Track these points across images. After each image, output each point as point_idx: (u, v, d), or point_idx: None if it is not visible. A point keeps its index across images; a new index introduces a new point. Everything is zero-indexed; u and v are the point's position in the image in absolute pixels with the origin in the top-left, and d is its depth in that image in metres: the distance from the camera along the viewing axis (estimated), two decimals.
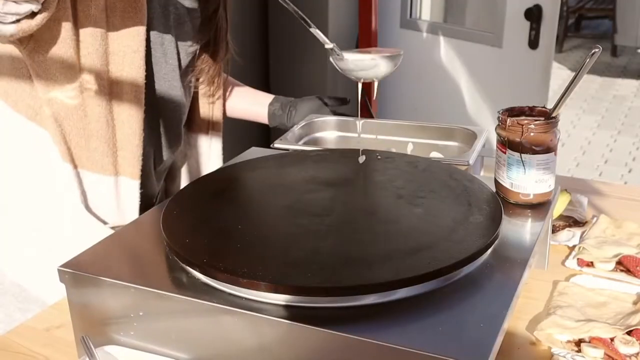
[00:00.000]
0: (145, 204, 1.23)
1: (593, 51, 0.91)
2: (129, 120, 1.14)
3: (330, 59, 1.12)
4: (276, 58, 2.97)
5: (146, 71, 1.17)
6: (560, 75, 6.21)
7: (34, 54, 1.06)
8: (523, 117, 1.04)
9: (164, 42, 1.19)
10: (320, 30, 1.08)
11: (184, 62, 1.25)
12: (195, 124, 1.35)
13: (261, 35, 2.97)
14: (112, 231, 1.16)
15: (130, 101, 1.13)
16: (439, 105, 2.94)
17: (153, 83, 1.21)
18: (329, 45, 1.09)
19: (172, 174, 1.36)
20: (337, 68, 1.13)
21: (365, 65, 1.13)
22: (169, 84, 1.24)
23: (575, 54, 7.25)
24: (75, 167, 1.15)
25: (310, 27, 1.06)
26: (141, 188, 1.20)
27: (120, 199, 1.18)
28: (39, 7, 0.92)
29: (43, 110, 1.11)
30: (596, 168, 4.48)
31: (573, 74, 0.96)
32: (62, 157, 1.13)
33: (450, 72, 2.87)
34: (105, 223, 1.19)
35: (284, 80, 2.95)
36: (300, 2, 1.00)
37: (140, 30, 1.11)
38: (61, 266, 0.86)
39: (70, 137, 1.13)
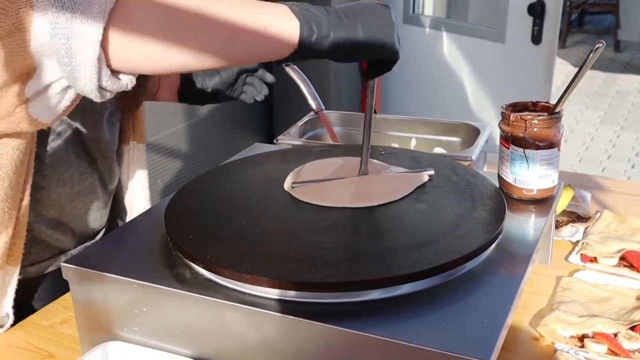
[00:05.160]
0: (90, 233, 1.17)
1: (597, 46, 0.90)
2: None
3: None
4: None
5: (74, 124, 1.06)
6: (563, 70, 6.20)
7: None
8: (526, 113, 1.03)
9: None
10: None
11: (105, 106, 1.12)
12: (124, 135, 1.22)
13: None
14: None
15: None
16: (441, 101, 2.93)
17: (83, 136, 1.09)
18: None
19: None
20: None
21: None
22: (97, 133, 1.12)
23: (578, 49, 7.23)
24: None
25: None
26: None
27: None
28: None
29: None
30: (599, 164, 4.47)
31: (576, 69, 0.95)
32: None
33: (453, 68, 2.86)
34: None
35: (287, 84, 2.94)
36: None
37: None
38: (65, 262, 0.86)
39: None
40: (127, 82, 0.79)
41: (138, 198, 1.26)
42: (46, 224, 1.07)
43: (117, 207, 1.26)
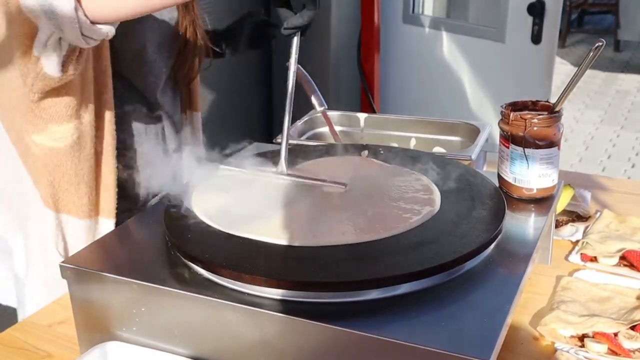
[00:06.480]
0: None
1: (597, 44, 0.90)
2: (107, 157, 1.14)
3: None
4: (280, 52, 2.97)
5: (142, 80, 1.20)
6: (563, 70, 6.19)
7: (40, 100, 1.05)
8: (526, 112, 1.03)
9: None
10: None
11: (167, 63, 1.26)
12: (182, 104, 1.39)
13: None
14: None
15: (107, 138, 1.14)
16: (441, 101, 2.93)
17: (155, 90, 1.24)
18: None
19: None
20: None
21: None
22: (158, 98, 1.26)
23: (578, 49, 7.23)
24: (58, 212, 1.13)
25: None
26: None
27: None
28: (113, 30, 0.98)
29: (32, 151, 1.09)
30: (599, 163, 4.47)
31: (576, 69, 0.95)
32: (44, 203, 1.12)
33: (453, 68, 2.86)
34: None
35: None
36: None
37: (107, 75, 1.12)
38: (63, 262, 0.86)
39: (60, 183, 1.11)
40: (106, 31, 0.97)
41: None
42: (125, 179, 1.22)
43: None
